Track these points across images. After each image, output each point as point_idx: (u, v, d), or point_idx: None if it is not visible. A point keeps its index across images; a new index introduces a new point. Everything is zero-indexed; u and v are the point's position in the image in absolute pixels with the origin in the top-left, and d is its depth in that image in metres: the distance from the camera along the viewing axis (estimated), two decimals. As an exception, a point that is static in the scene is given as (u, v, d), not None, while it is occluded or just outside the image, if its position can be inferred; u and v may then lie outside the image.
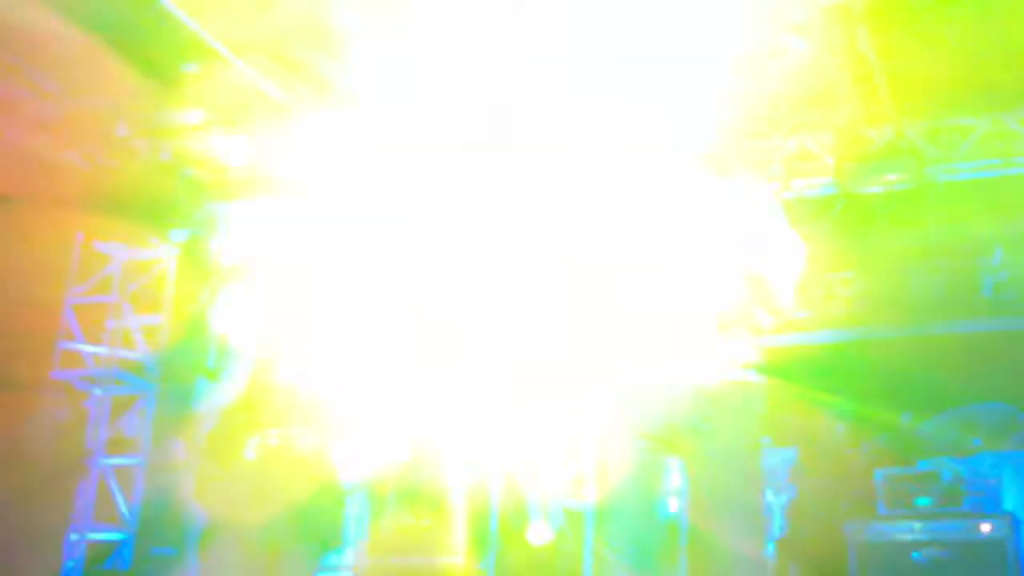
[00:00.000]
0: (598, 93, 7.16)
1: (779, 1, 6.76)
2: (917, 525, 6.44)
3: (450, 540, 7.38)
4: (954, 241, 7.87)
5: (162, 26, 7.34)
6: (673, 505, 7.60)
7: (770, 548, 7.09)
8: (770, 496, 7.29)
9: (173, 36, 7.47)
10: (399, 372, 9.04)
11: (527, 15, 6.54)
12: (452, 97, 7.58)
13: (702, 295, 5.63)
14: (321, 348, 4.67)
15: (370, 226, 8.76)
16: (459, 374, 8.01)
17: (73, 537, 8.58)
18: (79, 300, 9.34)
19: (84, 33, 7.45)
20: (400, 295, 8.40)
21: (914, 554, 6.32)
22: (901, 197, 7.69)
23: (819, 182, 7.49)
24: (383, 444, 4.93)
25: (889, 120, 7.73)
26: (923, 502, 6.53)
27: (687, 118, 5.72)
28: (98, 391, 9.14)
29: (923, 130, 7.72)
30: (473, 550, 7.31)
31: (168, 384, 9.25)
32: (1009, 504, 7.36)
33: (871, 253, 8.52)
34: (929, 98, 7.41)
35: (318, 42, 7.59)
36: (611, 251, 5.95)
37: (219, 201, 9.23)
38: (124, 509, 8.92)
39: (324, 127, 8.64)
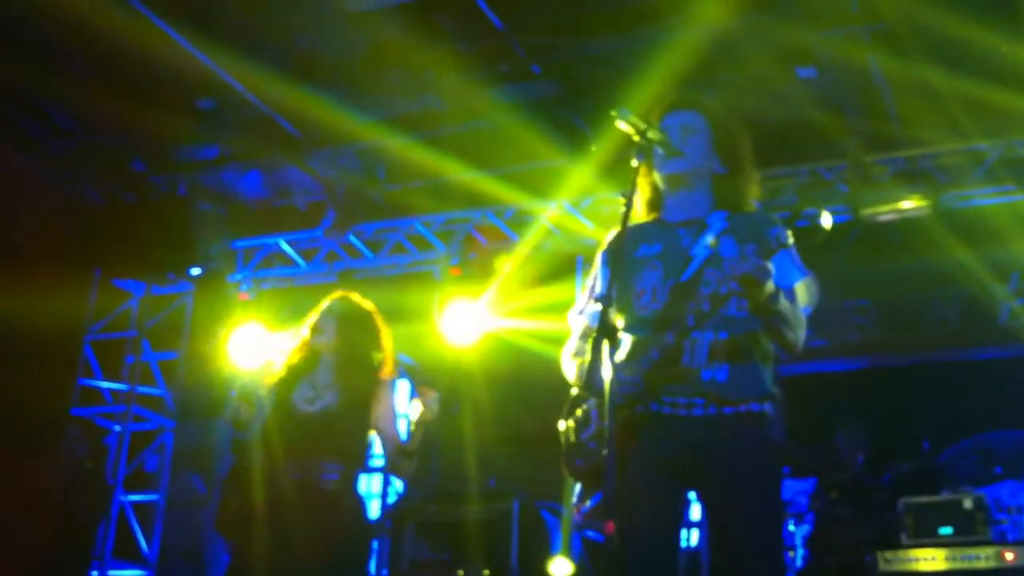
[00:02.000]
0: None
1: (789, 29, 6.80)
2: (940, 555, 6.40)
3: (470, 575, 7.37)
4: (969, 268, 7.86)
5: (177, 61, 7.42)
6: (693, 538, 7.60)
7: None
8: (791, 527, 7.28)
9: (188, 71, 7.55)
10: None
11: None
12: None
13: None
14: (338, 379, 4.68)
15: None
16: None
17: (94, 575, 8.58)
18: (97, 336, 9.41)
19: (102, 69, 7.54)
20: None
21: (937, 584, 6.29)
22: (915, 225, 7.69)
23: (833, 211, 7.47)
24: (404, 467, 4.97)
25: (902, 148, 7.75)
26: (945, 531, 6.49)
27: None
28: (117, 427, 9.18)
29: (936, 157, 7.72)
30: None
31: (187, 420, 9.31)
32: (1032, 532, 7.33)
33: (886, 281, 8.53)
34: (941, 125, 7.41)
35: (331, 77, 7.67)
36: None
37: (236, 236, 9.30)
38: (144, 546, 8.94)
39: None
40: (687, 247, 3.43)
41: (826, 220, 3.14)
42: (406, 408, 9.81)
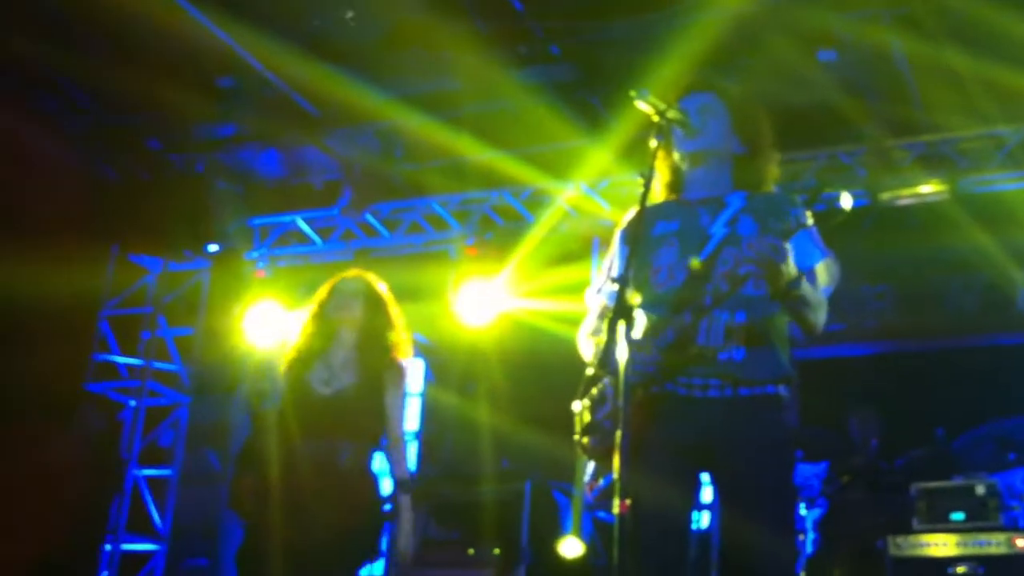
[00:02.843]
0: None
1: (810, 12, 6.76)
2: (952, 540, 6.39)
3: (481, 553, 7.40)
4: (988, 254, 7.82)
5: (196, 39, 7.42)
6: (704, 520, 7.60)
7: (802, 563, 7.07)
8: (803, 511, 7.27)
9: (207, 49, 7.55)
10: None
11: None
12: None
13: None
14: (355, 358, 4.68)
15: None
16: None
17: (107, 548, 8.65)
18: (113, 312, 9.45)
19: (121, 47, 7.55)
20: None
21: (949, 569, 6.28)
22: (934, 209, 7.66)
23: (852, 195, 7.43)
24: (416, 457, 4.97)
25: (922, 132, 7.71)
26: (957, 517, 6.48)
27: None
28: (132, 402, 9.22)
29: (956, 142, 7.68)
30: (504, 563, 7.32)
31: (202, 395, 9.35)
32: (1044, 519, 7.31)
33: (904, 266, 8.49)
34: (962, 110, 7.37)
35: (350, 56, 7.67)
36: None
37: (253, 214, 9.32)
38: (158, 520, 8.99)
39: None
40: (705, 225, 3.42)
41: (846, 201, 3.13)
42: (419, 387, 9.92)
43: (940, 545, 6.42)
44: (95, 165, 9.16)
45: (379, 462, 4.69)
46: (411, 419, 8.98)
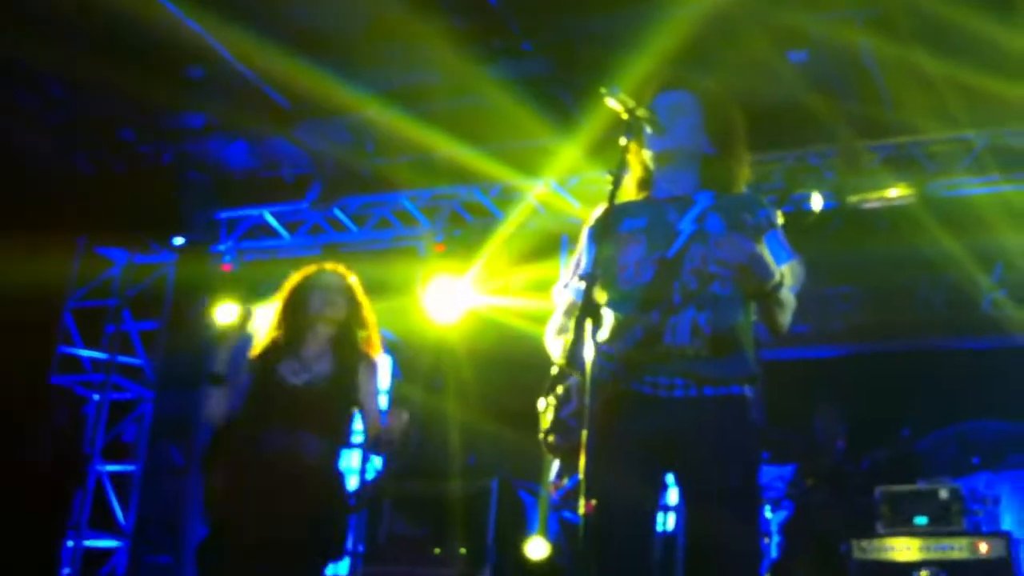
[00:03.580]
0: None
1: (783, 11, 6.77)
2: (915, 544, 6.42)
3: (447, 552, 7.37)
4: (954, 257, 7.87)
5: (165, 29, 7.35)
6: (670, 523, 7.61)
7: (767, 566, 7.08)
8: (768, 513, 7.29)
9: (176, 39, 7.48)
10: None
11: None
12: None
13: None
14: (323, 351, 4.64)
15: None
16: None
17: (69, 544, 8.56)
18: (79, 304, 9.35)
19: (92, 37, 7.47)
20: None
21: (912, 573, 6.30)
22: (901, 212, 7.69)
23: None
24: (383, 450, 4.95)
25: (890, 135, 7.74)
26: (921, 521, 6.52)
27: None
28: (96, 396, 9.14)
29: (924, 145, 7.72)
30: (470, 562, 7.30)
31: (166, 390, 9.27)
32: (1007, 523, 7.36)
33: (871, 268, 8.53)
34: (930, 113, 7.40)
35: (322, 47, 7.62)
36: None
37: (221, 207, 9.25)
38: (121, 517, 8.91)
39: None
40: (673, 222, 3.41)
41: (816, 202, 3.13)
42: (387, 384, 9.87)
43: (903, 549, 6.46)
44: (65, 155, 9.06)
45: (345, 460, 4.65)
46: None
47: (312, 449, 4.41)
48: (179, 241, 9.07)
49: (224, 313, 8.15)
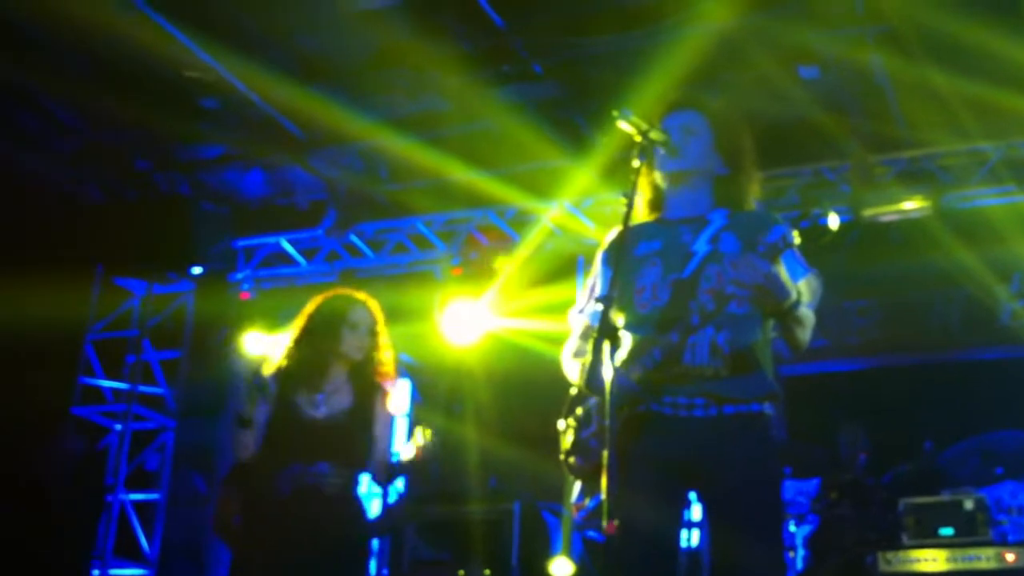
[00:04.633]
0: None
1: (793, 29, 6.79)
2: (942, 555, 6.40)
3: (471, 574, 7.37)
4: (971, 269, 7.86)
5: (180, 61, 7.43)
6: (695, 538, 7.59)
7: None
8: (792, 528, 7.27)
9: (192, 71, 7.57)
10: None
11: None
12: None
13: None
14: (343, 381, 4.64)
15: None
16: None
17: (95, 574, 8.58)
18: (98, 335, 9.40)
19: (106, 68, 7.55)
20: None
21: (938, 585, 6.28)
22: (917, 225, 7.69)
23: (835, 211, 7.45)
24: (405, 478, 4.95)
25: (904, 149, 7.75)
26: (947, 532, 6.49)
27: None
28: (118, 426, 9.17)
29: (938, 158, 7.72)
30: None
31: (188, 419, 9.30)
32: (1033, 533, 7.32)
33: (888, 282, 8.52)
34: (944, 126, 7.41)
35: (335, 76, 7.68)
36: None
37: (237, 235, 9.30)
38: (145, 545, 8.93)
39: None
40: (687, 243, 3.43)
41: (833, 221, 3.13)
42: (405, 406, 9.88)
43: (930, 560, 6.43)
44: (81, 186, 9.14)
45: (365, 485, 4.65)
46: (399, 440, 8.95)
47: (330, 481, 4.41)
48: (197, 270, 9.10)
49: (250, 343, 8.25)
